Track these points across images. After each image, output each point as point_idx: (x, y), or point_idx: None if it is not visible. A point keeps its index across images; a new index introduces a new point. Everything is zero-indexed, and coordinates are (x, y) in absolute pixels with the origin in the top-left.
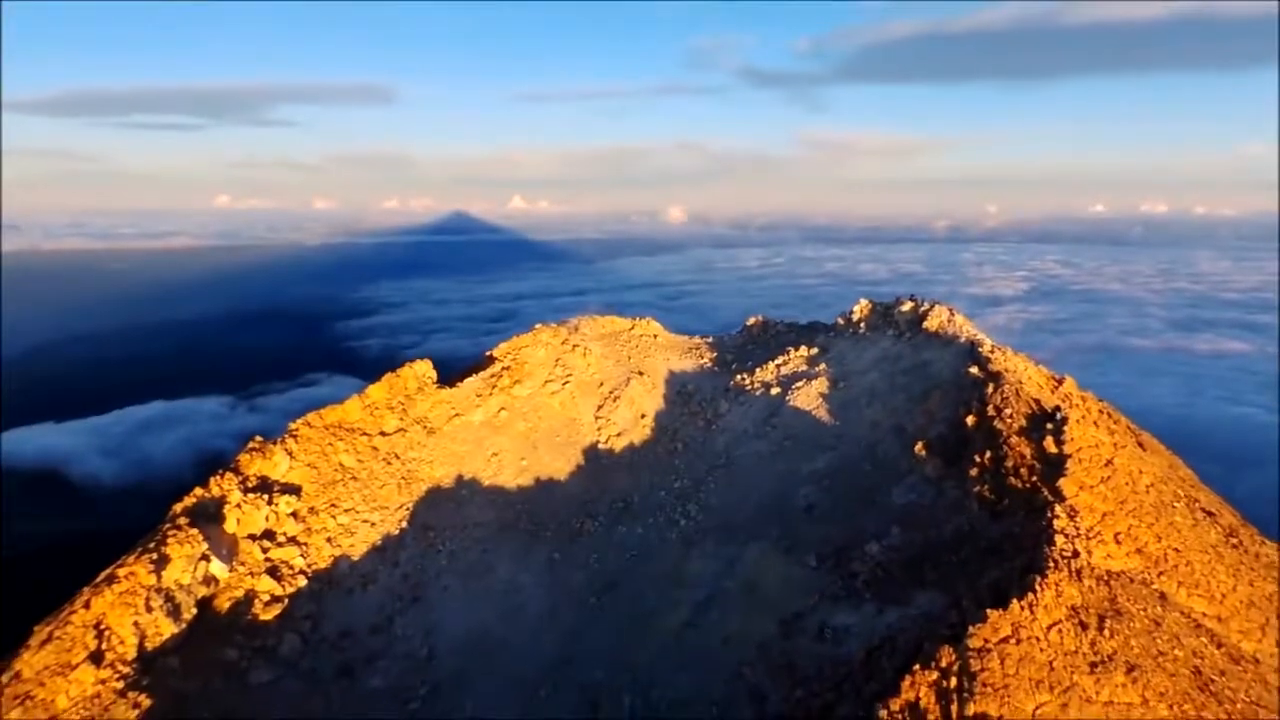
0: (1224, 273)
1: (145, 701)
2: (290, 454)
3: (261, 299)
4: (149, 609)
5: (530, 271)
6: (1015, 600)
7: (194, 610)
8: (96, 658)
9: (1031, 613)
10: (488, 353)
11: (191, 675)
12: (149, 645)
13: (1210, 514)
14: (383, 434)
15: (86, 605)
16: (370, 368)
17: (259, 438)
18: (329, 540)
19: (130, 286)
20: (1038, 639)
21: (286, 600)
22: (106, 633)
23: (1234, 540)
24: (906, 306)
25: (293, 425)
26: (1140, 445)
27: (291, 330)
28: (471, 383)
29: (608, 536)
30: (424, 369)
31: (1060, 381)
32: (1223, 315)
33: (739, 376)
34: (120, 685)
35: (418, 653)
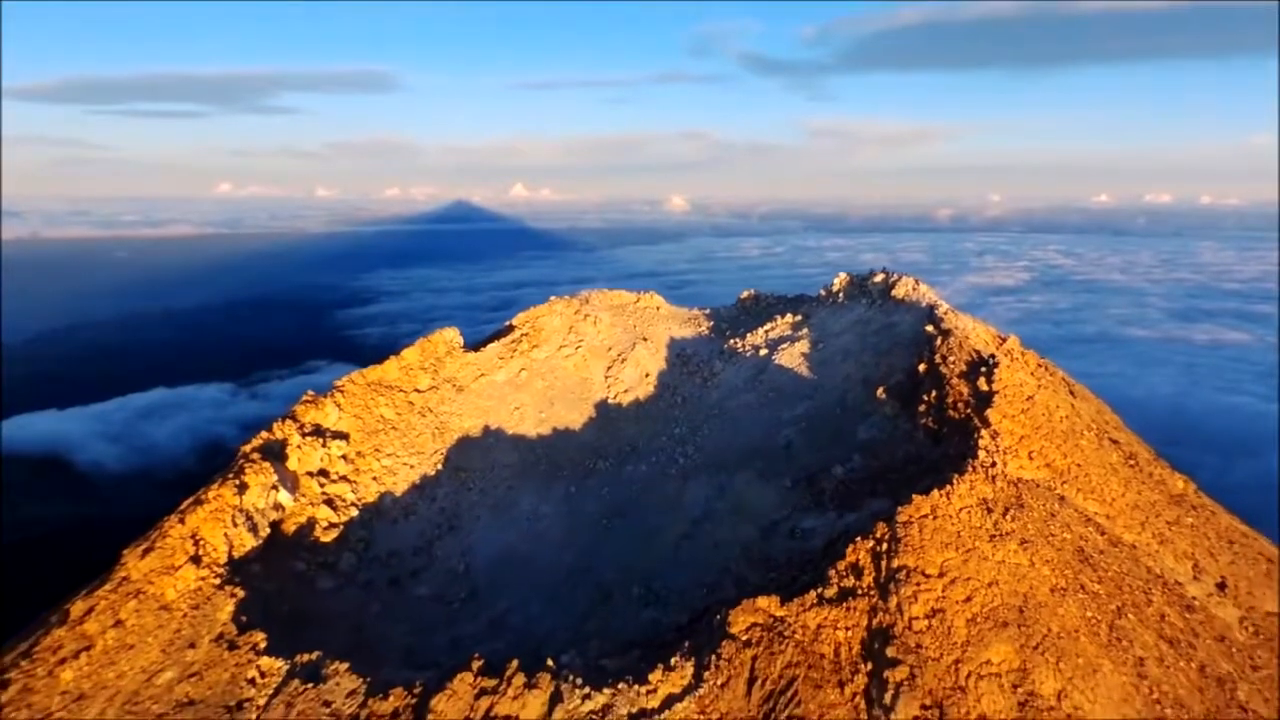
0: (1226, 263)
1: (239, 593)
2: (339, 406)
3: (262, 287)
4: (234, 524)
5: (531, 260)
6: (936, 491)
7: (268, 529)
8: (196, 560)
9: (948, 499)
10: (508, 322)
11: (270, 579)
12: (236, 553)
13: (1115, 442)
14: (417, 391)
15: (181, 520)
16: (370, 355)
17: (311, 392)
18: (375, 479)
19: (132, 274)
20: (950, 517)
21: (342, 526)
22: (202, 542)
23: (1132, 462)
24: (878, 278)
25: (339, 383)
26: (1071, 393)
27: (292, 318)
28: (494, 348)
29: (617, 473)
30: (452, 335)
31: (1004, 339)
32: (1223, 305)
33: (732, 341)
34: (217, 582)
35: (456, 568)
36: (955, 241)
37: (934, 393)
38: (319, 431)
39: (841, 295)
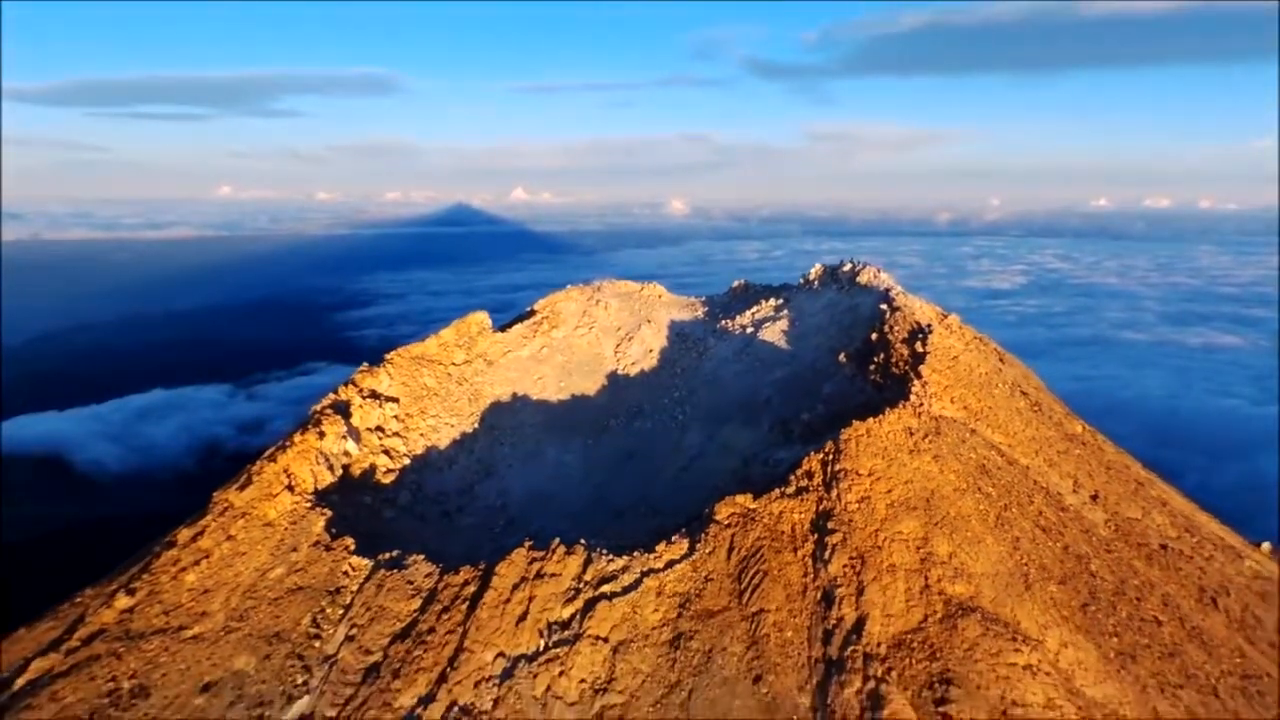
0: (1223, 267)
1: (327, 513)
2: (390, 375)
3: (262, 289)
4: (316, 462)
5: (531, 262)
6: (872, 419)
7: (340, 470)
8: (290, 489)
9: (880, 425)
10: (530, 307)
11: (347, 507)
12: (319, 486)
13: (1025, 394)
14: (454, 364)
15: (272, 459)
16: (367, 358)
17: (366, 364)
18: (422, 435)
19: (132, 276)
20: (881, 437)
21: (397, 472)
22: (293, 475)
23: (1036, 408)
24: (847, 267)
25: (388, 356)
26: (1001, 360)
27: (291, 320)
28: (518, 329)
29: (627, 428)
30: (482, 318)
31: (946, 315)
32: (1218, 309)
33: (723, 322)
34: (309, 506)
35: (495, 504)
36: (953, 245)
37: (882, 355)
38: (375, 395)
39: (816, 282)
